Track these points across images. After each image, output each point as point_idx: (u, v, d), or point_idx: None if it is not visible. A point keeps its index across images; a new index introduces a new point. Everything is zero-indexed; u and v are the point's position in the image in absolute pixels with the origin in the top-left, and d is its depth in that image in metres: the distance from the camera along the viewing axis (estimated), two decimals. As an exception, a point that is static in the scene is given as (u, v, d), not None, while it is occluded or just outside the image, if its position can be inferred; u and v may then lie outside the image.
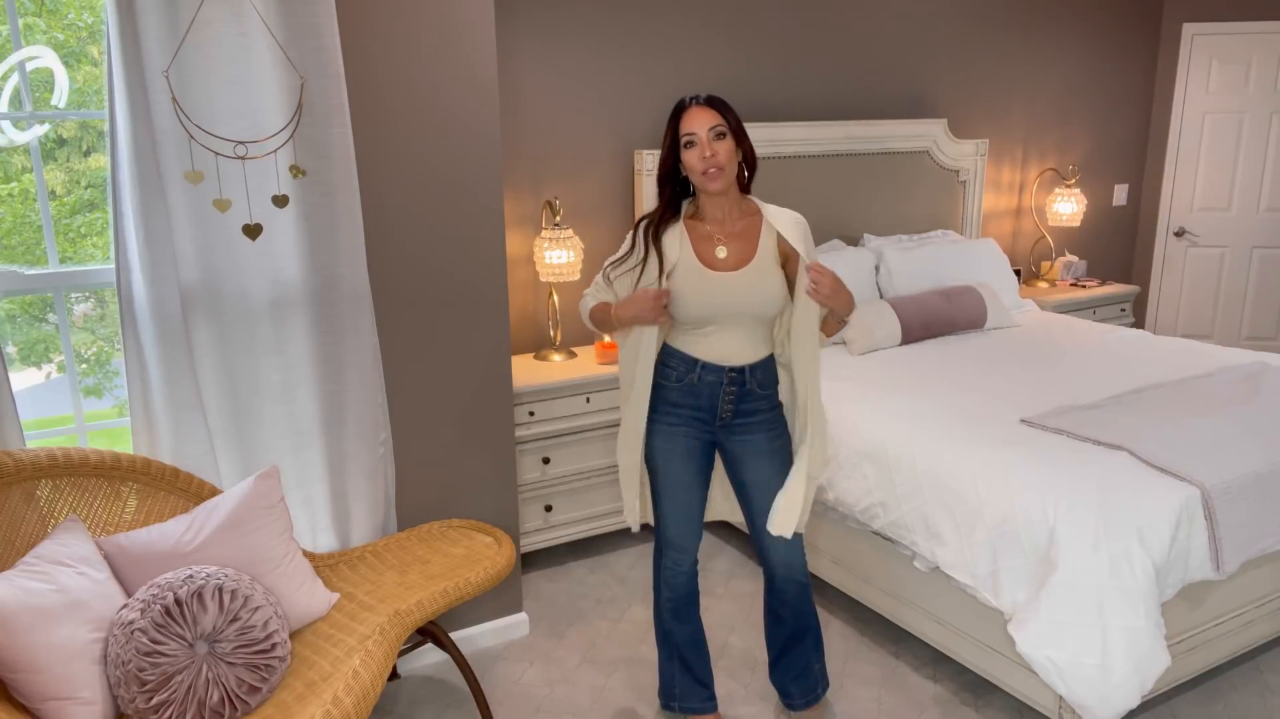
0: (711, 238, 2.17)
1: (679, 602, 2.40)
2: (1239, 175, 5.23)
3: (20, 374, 3.80)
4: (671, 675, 2.48)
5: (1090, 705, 2.16)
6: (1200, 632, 2.46)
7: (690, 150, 2.09)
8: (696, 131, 2.07)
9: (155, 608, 1.86)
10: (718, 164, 2.07)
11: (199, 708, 1.84)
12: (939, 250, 4.17)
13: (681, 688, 2.47)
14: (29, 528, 2.02)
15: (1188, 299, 5.45)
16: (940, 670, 2.76)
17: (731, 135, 2.09)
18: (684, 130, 2.09)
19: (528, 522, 3.32)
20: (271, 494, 2.20)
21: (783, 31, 4.00)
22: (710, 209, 2.18)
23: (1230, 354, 3.44)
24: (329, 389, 2.47)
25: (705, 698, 2.47)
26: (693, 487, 2.31)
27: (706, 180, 2.09)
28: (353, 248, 2.42)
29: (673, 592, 2.40)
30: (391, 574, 2.39)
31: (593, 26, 3.58)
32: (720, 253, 2.15)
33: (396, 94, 2.47)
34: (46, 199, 2.39)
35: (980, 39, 4.62)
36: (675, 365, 2.22)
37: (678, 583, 2.39)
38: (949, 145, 4.45)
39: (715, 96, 2.11)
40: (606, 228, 3.76)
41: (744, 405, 2.24)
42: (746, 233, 2.18)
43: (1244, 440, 2.54)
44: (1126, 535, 2.21)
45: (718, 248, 2.16)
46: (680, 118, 2.10)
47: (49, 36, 2.89)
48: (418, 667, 2.83)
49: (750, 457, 2.27)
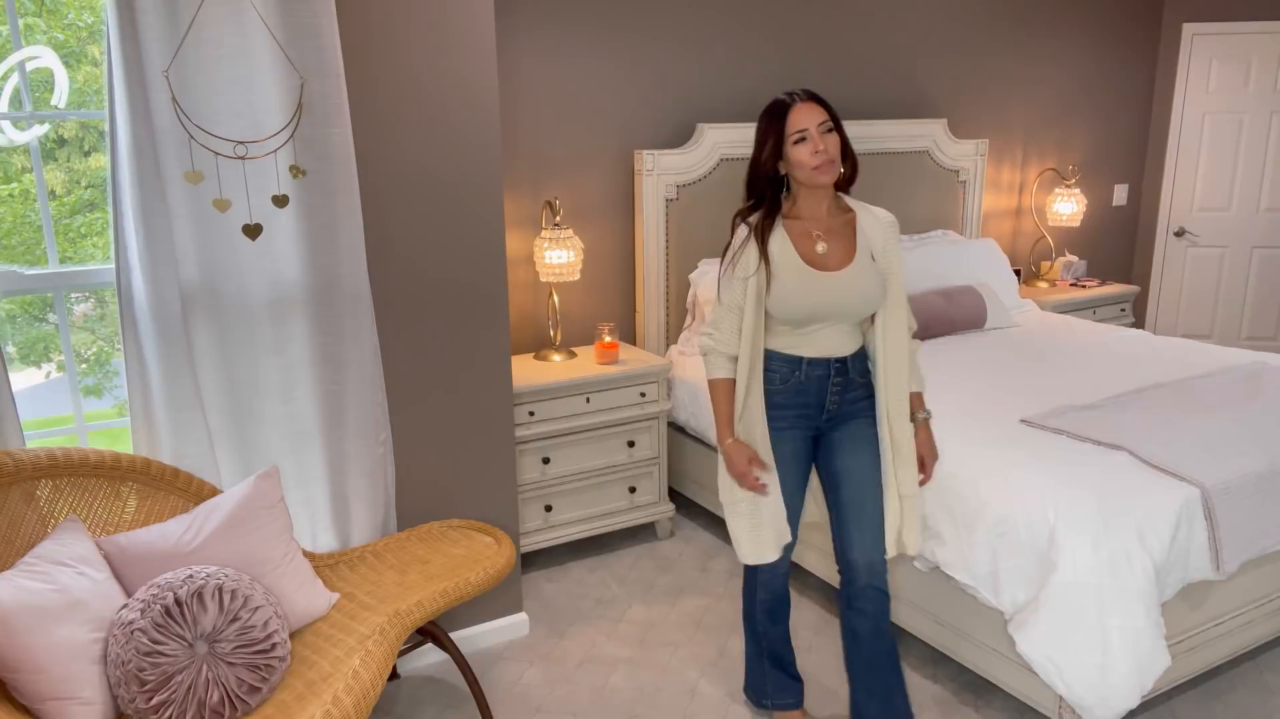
0: (810, 235, 2.16)
1: (776, 602, 2.40)
2: (1239, 175, 5.23)
3: (20, 374, 3.80)
4: (762, 674, 2.50)
5: (1090, 705, 2.16)
6: (1200, 632, 2.46)
7: (801, 146, 2.07)
8: (807, 127, 2.07)
9: (155, 608, 1.86)
10: (830, 157, 2.07)
11: (199, 708, 1.84)
12: (939, 250, 4.17)
13: (774, 685, 2.49)
14: (29, 528, 2.02)
15: (1188, 299, 5.45)
16: (940, 670, 2.76)
17: (836, 129, 2.11)
18: (794, 128, 2.08)
19: (528, 522, 3.32)
20: (271, 494, 2.20)
21: (783, 31, 4.00)
22: (809, 206, 2.17)
23: (1230, 354, 3.44)
24: (329, 389, 2.47)
25: (797, 693, 2.50)
26: (796, 490, 2.27)
27: (819, 174, 2.08)
28: (353, 248, 2.42)
29: (770, 593, 2.38)
30: (391, 574, 2.38)
31: (592, 27, 3.58)
32: (820, 248, 2.14)
33: (396, 94, 2.47)
34: (46, 199, 2.39)
35: (980, 39, 4.61)
36: (778, 368, 2.20)
37: (776, 584, 2.38)
38: (949, 145, 4.45)
39: (814, 92, 2.12)
40: (606, 228, 3.76)
41: (848, 394, 2.23)
42: (844, 230, 2.18)
43: (1244, 440, 2.54)
44: (1126, 535, 2.21)
45: (817, 244, 2.15)
46: (787, 116, 2.09)
47: (49, 36, 2.89)
48: (418, 667, 2.83)
49: (849, 441, 2.24)
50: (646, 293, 3.79)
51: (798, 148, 2.08)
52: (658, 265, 3.77)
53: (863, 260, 2.16)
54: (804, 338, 2.18)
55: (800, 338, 2.18)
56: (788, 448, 2.23)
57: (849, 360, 2.21)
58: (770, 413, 2.22)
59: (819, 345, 2.18)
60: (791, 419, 2.22)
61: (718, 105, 3.91)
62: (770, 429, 2.21)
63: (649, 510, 3.58)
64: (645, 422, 3.48)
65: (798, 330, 2.18)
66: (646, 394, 3.45)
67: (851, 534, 2.24)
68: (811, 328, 2.17)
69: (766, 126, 2.12)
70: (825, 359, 2.19)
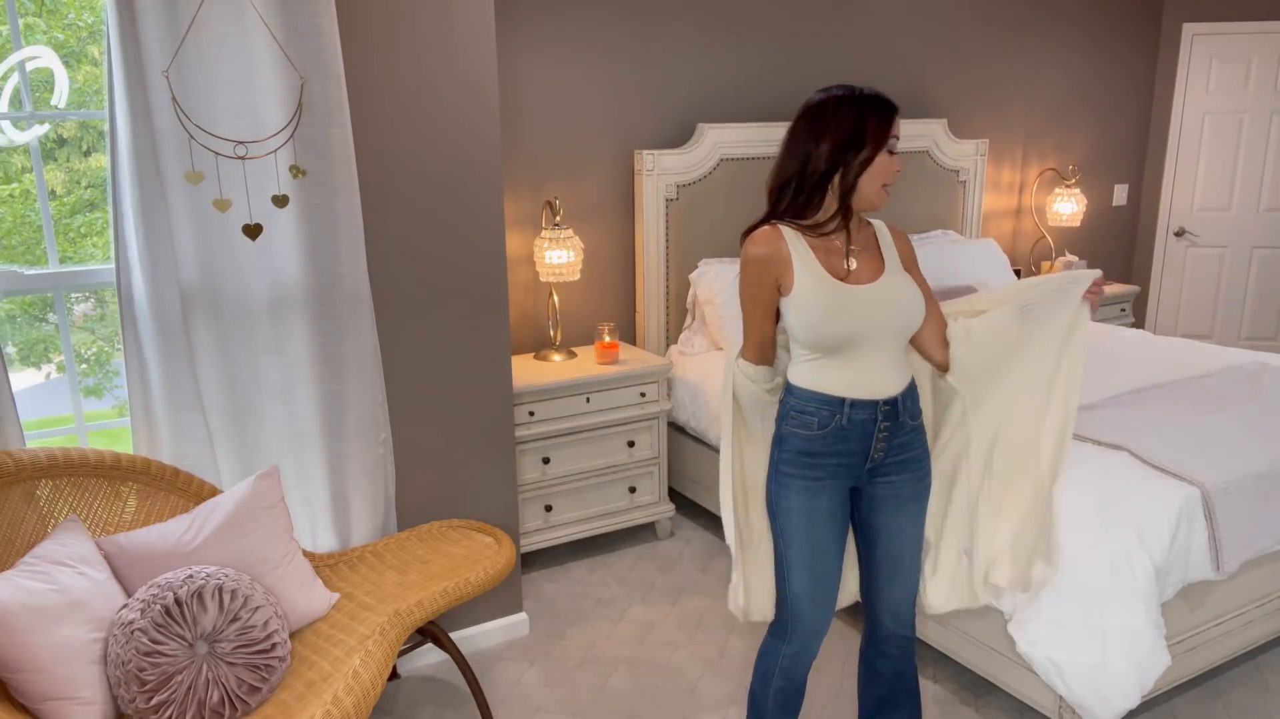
0: (837, 251, 1.89)
1: (792, 693, 2.04)
2: (1239, 175, 5.23)
3: (20, 374, 3.80)
4: None
5: (1090, 705, 2.16)
6: (1200, 632, 2.46)
7: (893, 159, 1.84)
8: (898, 138, 1.84)
9: (155, 608, 1.86)
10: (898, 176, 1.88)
11: (199, 708, 1.84)
12: (939, 250, 4.17)
13: None
14: (29, 528, 2.02)
15: (1188, 299, 5.45)
16: (940, 670, 2.76)
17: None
18: (894, 133, 1.82)
19: (528, 522, 3.32)
20: (271, 494, 2.20)
21: (782, 31, 4.00)
22: (837, 224, 1.88)
23: (1230, 354, 3.44)
24: (329, 389, 2.47)
25: None
26: (835, 554, 1.96)
27: (885, 194, 1.85)
28: (353, 248, 2.42)
29: (790, 682, 2.02)
30: (391, 574, 2.38)
31: (592, 26, 3.58)
32: (851, 264, 1.88)
33: (396, 94, 2.47)
34: (46, 199, 2.39)
35: (980, 39, 4.61)
36: (815, 411, 1.89)
37: (799, 673, 2.02)
38: (949, 145, 4.45)
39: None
40: (606, 228, 3.76)
41: (896, 441, 1.93)
42: (869, 243, 1.94)
43: (1244, 440, 2.54)
44: (1126, 535, 2.21)
45: (847, 260, 1.89)
46: (891, 121, 1.82)
47: (49, 36, 2.89)
48: (418, 667, 2.83)
49: (893, 501, 1.96)
50: (646, 293, 3.79)
51: (888, 158, 1.83)
52: (658, 265, 3.77)
53: (895, 268, 1.92)
54: (843, 369, 1.87)
55: (839, 370, 1.88)
56: (824, 502, 1.92)
57: (899, 400, 1.90)
58: (803, 463, 1.91)
59: (862, 381, 1.87)
60: (830, 469, 1.91)
61: (718, 105, 3.91)
62: (804, 482, 1.91)
63: (649, 510, 3.58)
64: (645, 422, 3.48)
65: (834, 359, 1.87)
66: (646, 394, 3.45)
67: (882, 588, 2.03)
68: (849, 354, 1.87)
69: (857, 126, 1.80)
70: (871, 400, 1.87)
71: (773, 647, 2.03)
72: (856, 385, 1.87)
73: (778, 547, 1.98)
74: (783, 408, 1.95)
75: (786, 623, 2.00)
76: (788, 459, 1.92)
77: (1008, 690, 2.47)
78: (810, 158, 1.83)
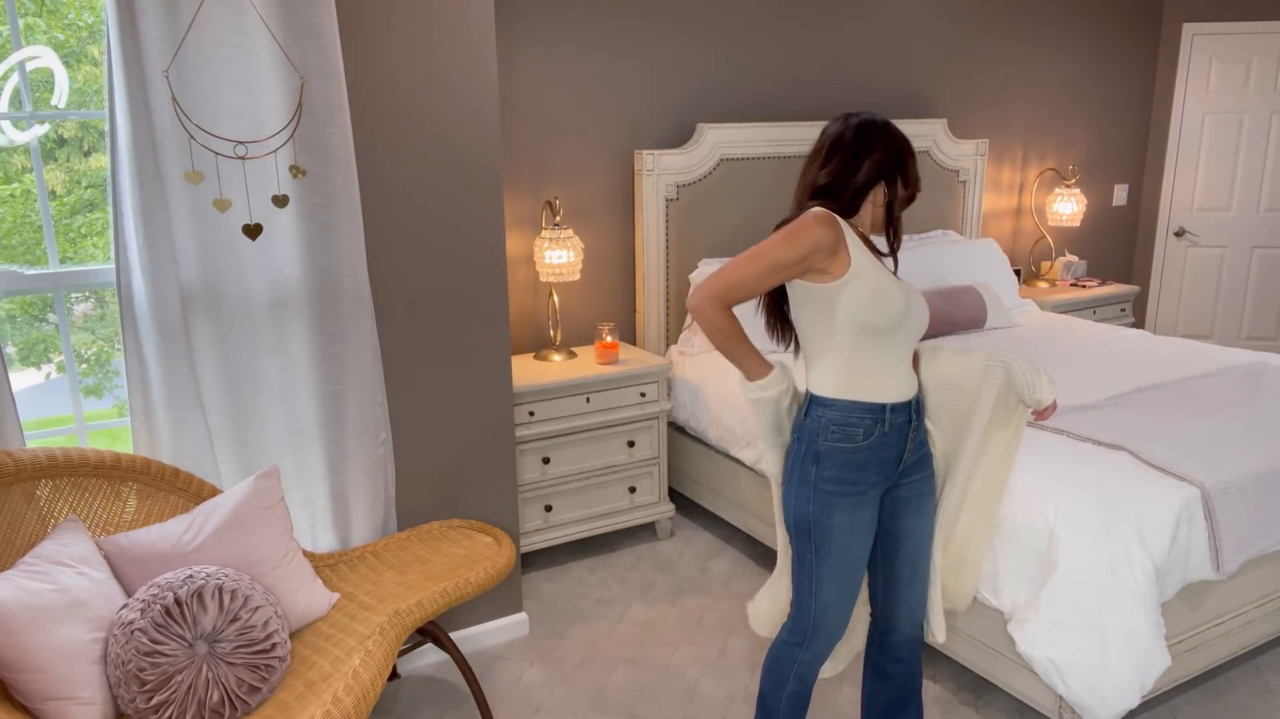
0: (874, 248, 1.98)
1: (804, 696, 2.06)
2: (1239, 175, 5.23)
3: (20, 374, 3.81)
4: None
5: (1090, 705, 2.16)
6: (1200, 632, 2.46)
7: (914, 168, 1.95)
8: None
9: (155, 608, 1.86)
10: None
11: (199, 708, 1.84)
12: (939, 250, 4.17)
13: None
14: (29, 528, 2.02)
15: (1187, 299, 5.45)
16: (940, 670, 2.76)
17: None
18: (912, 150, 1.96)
19: (528, 522, 3.32)
20: (271, 494, 2.20)
21: (782, 31, 4.00)
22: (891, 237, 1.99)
23: (1230, 354, 3.43)
24: (329, 389, 2.47)
25: None
26: (865, 563, 2.00)
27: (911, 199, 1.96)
28: (353, 248, 2.42)
29: (802, 686, 2.05)
30: (391, 574, 2.39)
31: (593, 26, 3.58)
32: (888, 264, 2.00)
33: (396, 94, 2.47)
34: (46, 199, 2.39)
35: (980, 39, 4.62)
36: (858, 422, 1.88)
37: (812, 677, 2.05)
38: (949, 145, 4.45)
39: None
40: (606, 228, 3.76)
41: (917, 439, 1.99)
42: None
43: (1244, 440, 2.54)
44: (1126, 535, 2.21)
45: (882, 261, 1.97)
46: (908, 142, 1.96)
47: (49, 36, 2.89)
48: (418, 667, 2.83)
49: (915, 500, 2.01)
50: (646, 293, 3.79)
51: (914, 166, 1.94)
52: (658, 265, 3.77)
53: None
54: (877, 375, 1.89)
55: (881, 367, 1.89)
56: (866, 514, 1.93)
57: (919, 398, 1.98)
58: (848, 478, 1.89)
59: (894, 381, 1.90)
60: (872, 479, 1.91)
61: (718, 105, 3.91)
62: (849, 498, 1.90)
63: (649, 510, 3.58)
64: (645, 421, 3.48)
65: (882, 350, 1.88)
66: (646, 394, 3.45)
67: (902, 595, 2.06)
68: (888, 348, 1.89)
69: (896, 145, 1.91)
70: (905, 402, 1.92)
71: (788, 652, 2.03)
72: (889, 388, 1.89)
73: (804, 560, 1.96)
74: (816, 423, 1.91)
75: (806, 630, 2.00)
76: (831, 477, 1.90)
77: (1008, 690, 2.47)
78: (860, 169, 1.89)
